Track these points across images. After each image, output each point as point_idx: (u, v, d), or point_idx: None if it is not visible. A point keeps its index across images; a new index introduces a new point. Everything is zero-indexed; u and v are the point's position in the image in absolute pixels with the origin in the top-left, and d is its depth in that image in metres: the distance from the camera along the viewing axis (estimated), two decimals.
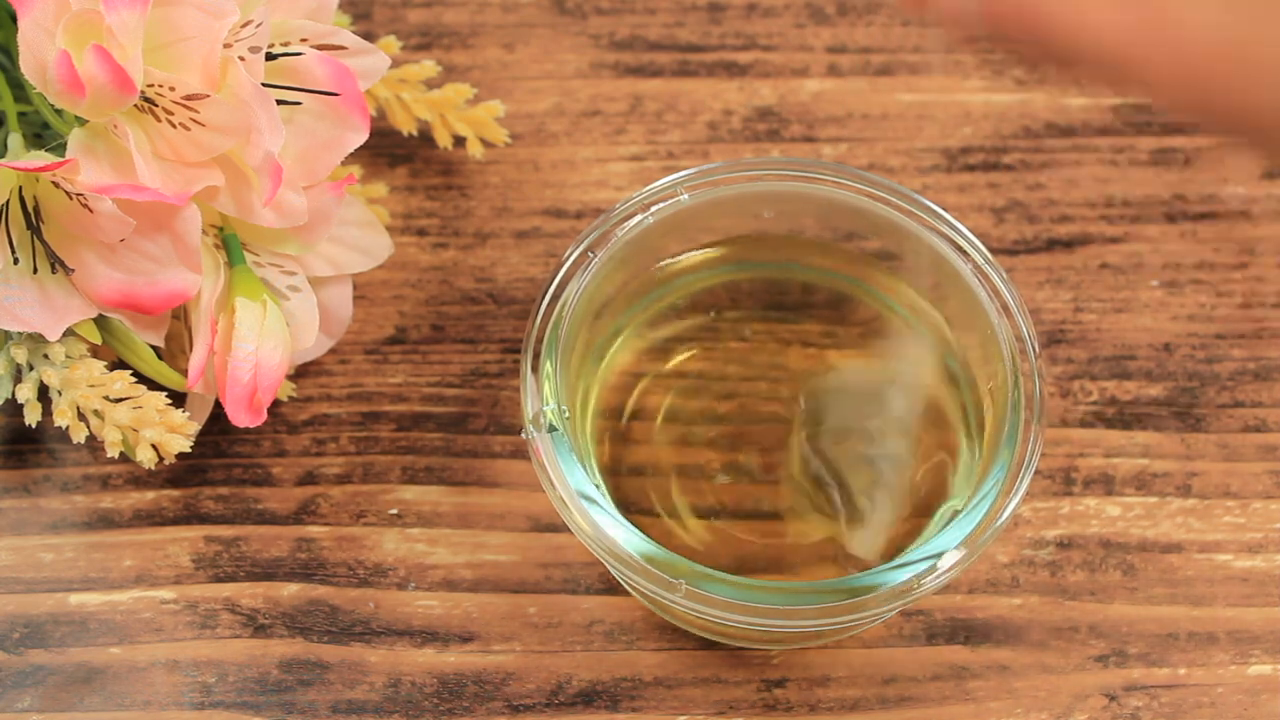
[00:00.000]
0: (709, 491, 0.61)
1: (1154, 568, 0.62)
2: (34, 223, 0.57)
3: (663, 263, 0.62)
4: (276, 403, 0.64)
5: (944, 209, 0.60)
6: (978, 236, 0.60)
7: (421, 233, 0.67)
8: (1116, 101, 0.69)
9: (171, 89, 0.56)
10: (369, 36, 0.68)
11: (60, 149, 0.57)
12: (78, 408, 0.58)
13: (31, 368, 0.58)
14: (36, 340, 0.58)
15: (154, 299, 0.57)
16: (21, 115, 0.60)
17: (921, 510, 0.60)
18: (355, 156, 0.60)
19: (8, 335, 0.59)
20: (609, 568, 0.57)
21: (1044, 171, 0.68)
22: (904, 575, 0.56)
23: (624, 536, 0.56)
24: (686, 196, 0.60)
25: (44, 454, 0.63)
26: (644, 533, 0.56)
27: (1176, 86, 0.45)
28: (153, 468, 0.60)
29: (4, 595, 0.61)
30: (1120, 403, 0.64)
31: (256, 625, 0.61)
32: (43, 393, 0.59)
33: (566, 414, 0.58)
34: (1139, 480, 0.63)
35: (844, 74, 0.69)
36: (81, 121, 0.57)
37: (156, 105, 0.56)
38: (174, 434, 0.58)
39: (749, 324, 0.63)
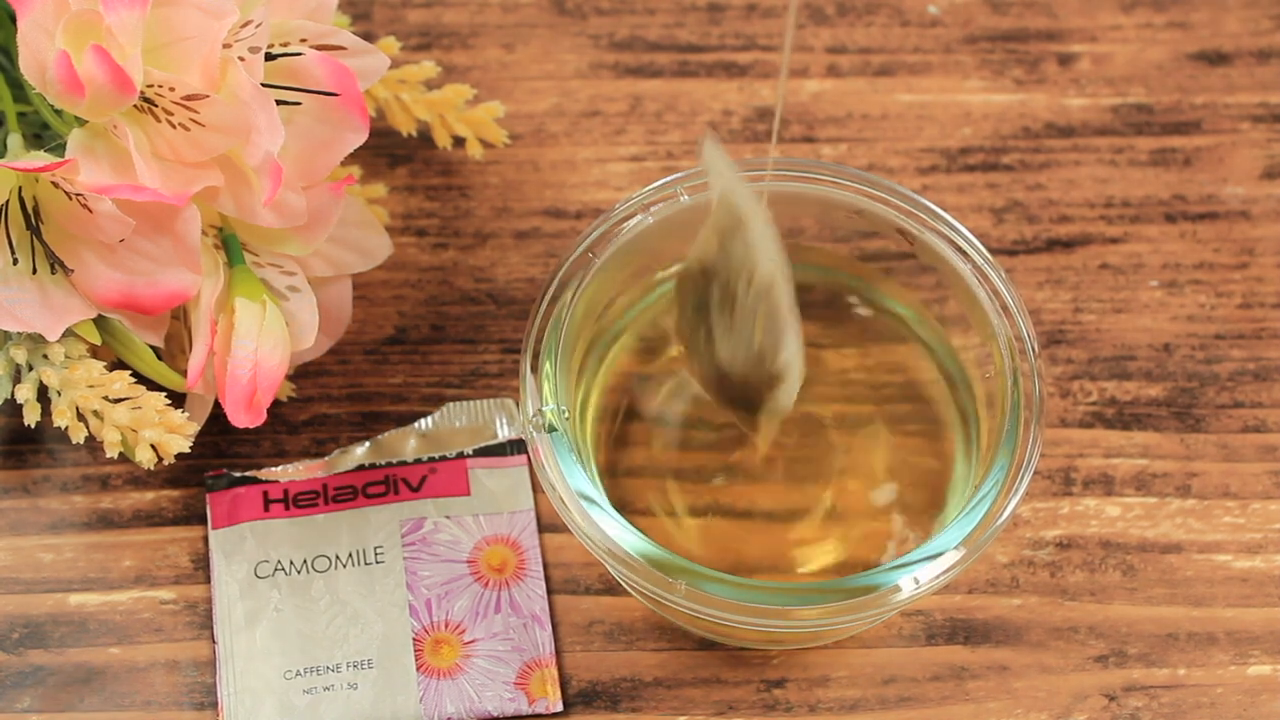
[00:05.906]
0: (707, 491, 0.61)
1: (1154, 568, 0.62)
2: (34, 223, 0.57)
3: (662, 263, 0.62)
4: (276, 403, 0.64)
5: (944, 209, 0.60)
6: (977, 236, 0.60)
7: (421, 233, 0.67)
8: (1116, 101, 0.69)
9: (171, 89, 0.56)
10: (369, 37, 0.68)
11: (60, 149, 0.57)
12: (77, 408, 0.58)
13: (31, 368, 0.58)
14: (36, 340, 0.58)
15: (154, 299, 0.57)
16: (21, 115, 0.60)
17: (919, 516, 0.60)
18: (355, 157, 0.60)
19: (7, 335, 0.59)
20: (609, 568, 0.57)
21: (1044, 172, 0.68)
22: (904, 575, 0.56)
23: (623, 536, 0.56)
24: (686, 197, 0.60)
25: (43, 454, 0.63)
26: (643, 532, 0.56)
27: None
28: (152, 468, 0.60)
29: (4, 595, 0.61)
30: (1120, 403, 0.64)
31: None
32: (42, 393, 0.59)
33: (566, 414, 0.58)
34: (1138, 481, 0.63)
35: (844, 74, 0.69)
36: (81, 122, 0.57)
37: (156, 105, 0.56)
38: (173, 434, 0.58)
39: None
